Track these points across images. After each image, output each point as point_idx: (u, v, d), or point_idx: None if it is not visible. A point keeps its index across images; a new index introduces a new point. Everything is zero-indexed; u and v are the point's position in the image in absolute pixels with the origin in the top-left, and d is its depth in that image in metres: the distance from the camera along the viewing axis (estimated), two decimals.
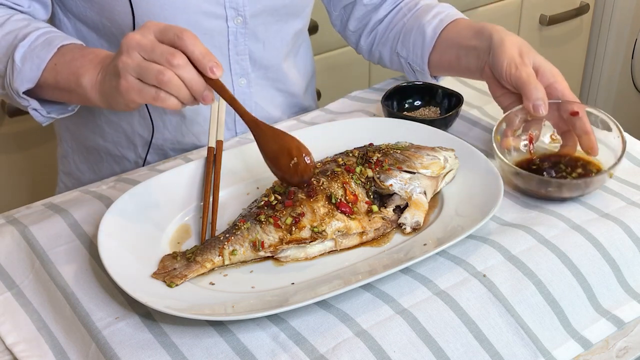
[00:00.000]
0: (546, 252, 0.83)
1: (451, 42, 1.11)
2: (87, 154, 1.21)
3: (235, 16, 1.08)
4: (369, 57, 1.28)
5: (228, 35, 1.09)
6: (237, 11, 1.07)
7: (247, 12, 1.08)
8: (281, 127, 1.12)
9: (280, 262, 0.83)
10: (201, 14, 1.05)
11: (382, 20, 1.22)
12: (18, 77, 0.94)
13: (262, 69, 1.16)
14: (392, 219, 0.88)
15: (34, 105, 0.98)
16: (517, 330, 0.76)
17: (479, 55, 1.04)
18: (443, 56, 1.13)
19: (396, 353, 0.72)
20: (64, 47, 0.93)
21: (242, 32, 1.10)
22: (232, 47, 1.11)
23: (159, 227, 0.88)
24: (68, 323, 0.78)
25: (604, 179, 0.91)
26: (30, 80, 0.94)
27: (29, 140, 1.61)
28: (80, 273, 0.82)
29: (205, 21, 1.06)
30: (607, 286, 0.83)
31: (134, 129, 1.15)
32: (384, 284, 0.78)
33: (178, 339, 0.73)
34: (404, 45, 1.18)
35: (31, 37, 0.94)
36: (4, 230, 0.90)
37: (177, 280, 0.79)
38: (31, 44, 0.94)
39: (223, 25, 1.08)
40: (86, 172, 1.23)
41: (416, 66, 1.17)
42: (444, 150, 0.94)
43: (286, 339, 0.73)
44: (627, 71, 2.45)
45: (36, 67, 0.93)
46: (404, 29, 1.18)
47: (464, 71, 1.11)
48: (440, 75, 1.19)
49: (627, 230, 0.87)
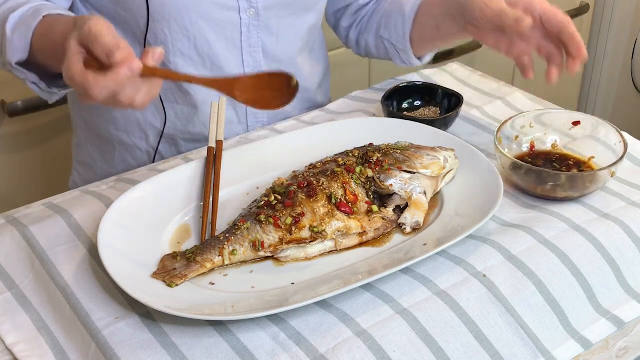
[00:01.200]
0: (546, 252, 0.83)
1: (427, 15, 1.13)
2: (100, 143, 1.21)
3: (248, 8, 1.08)
4: (357, 49, 1.29)
5: (241, 27, 1.10)
6: (250, 3, 1.08)
7: (260, 4, 1.08)
8: (281, 127, 1.13)
9: (280, 262, 0.83)
10: (213, 5, 1.06)
11: (367, 9, 1.24)
12: (10, 48, 0.93)
13: (275, 62, 1.16)
14: (392, 219, 0.88)
15: (31, 79, 0.96)
16: (517, 330, 0.76)
17: (454, 17, 1.06)
18: (423, 31, 1.15)
19: (396, 353, 0.72)
20: (50, 16, 0.91)
21: (255, 25, 1.10)
22: (244, 39, 1.11)
23: (159, 227, 0.88)
24: (68, 323, 0.78)
25: (605, 176, 0.91)
26: (21, 50, 0.93)
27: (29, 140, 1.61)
28: (80, 273, 0.82)
29: (218, 12, 1.07)
30: (607, 286, 0.83)
31: (146, 118, 1.16)
32: (384, 284, 0.78)
33: (178, 339, 0.73)
34: (386, 28, 1.19)
35: (24, 8, 0.93)
36: (4, 230, 0.90)
37: (177, 280, 0.79)
38: (23, 14, 0.93)
39: (236, 17, 1.08)
40: (99, 161, 1.23)
41: (399, 45, 1.18)
42: (444, 150, 0.94)
43: (286, 339, 0.73)
44: (627, 71, 2.45)
45: (24, 36, 0.92)
46: (386, 13, 1.20)
47: (448, 37, 1.13)
48: (425, 52, 1.20)
49: (627, 230, 0.87)
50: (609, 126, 0.96)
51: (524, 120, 0.99)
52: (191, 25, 1.06)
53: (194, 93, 1.11)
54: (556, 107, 1.10)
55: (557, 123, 1.01)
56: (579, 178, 0.90)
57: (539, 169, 0.91)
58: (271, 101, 0.88)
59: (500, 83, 1.24)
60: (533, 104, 1.17)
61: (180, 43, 1.07)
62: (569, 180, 0.90)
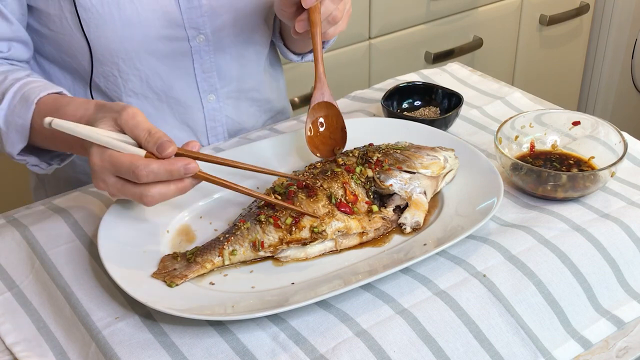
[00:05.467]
0: (546, 252, 0.83)
1: None
2: (59, 184, 1.19)
3: (196, 35, 1.05)
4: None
5: (192, 55, 1.07)
6: (198, 30, 1.04)
7: (208, 29, 1.05)
8: (281, 127, 1.13)
9: (280, 262, 0.83)
10: (162, 40, 1.03)
11: None
12: (7, 142, 0.92)
13: (233, 81, 1.14)
14: (392, 219, 0.88)
15: (32, 162, 0.96)
16: (517, 330, 0.76)
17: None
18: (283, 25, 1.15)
19: (396, 353, 0.72)
20: (41, 102, 0.88)
21: (206, 50, 1.07)
22: (197, 65, 1.08)
23: (159, 227, 0.88)
24: (68, 323, 0.78)
25: (605, 176, 0.91)
26: (21, 141, 0.91)
27: None
28: (80, 273, 0.83)
29: (167, 45, 1.04)
30: (607, 286, 0.83)
31: None
32: (384, 284, 0.78)
33: (178, 339, 0.73)
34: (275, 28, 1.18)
35: (8, 96, 0.90)
36: (4, 230, 0.90)
37: (177, 280, 0.79)
38: (9, 104, 0.90)
39: (185, 46, 1.05)
40: None
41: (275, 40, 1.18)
42: (444, 150, 0.94)
43: (286, 339, 0.73)
44: (627, 71, 2.45)
45: (21, 128, 0.90)
46: None
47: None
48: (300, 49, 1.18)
49: (627, 230, 0.87)
50: (609, 126, 0.96)
51: (524, 120, 0.99)
52: (141, 63, 1.03)
53: None
54: (556, 107, 1.10)
55: (557, 123, 1.01)
56: (579, 178, 0.90)
57: (539, 169, 0.91)
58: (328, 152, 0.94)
59: (500, 83, 1.24)
60: (533, 104, 1.17)
61: (131, 83, 1.05)
62: (569, 180, 0.90)
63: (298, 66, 1.56)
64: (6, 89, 0.91)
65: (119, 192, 0.78)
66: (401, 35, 1.92)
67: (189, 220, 0.90)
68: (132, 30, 0.99)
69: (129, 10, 0.98)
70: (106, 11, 0.97)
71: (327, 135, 0.93)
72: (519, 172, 0.92)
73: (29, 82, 0.92)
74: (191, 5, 1.02)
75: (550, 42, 2.30)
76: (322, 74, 0.93)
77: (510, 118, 0.98)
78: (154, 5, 0.99)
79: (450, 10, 1.98)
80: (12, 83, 0.91)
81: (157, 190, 0.76)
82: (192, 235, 0.88)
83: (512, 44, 2.20)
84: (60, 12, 0.97)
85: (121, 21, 0.98)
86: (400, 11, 1.89)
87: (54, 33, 1.00)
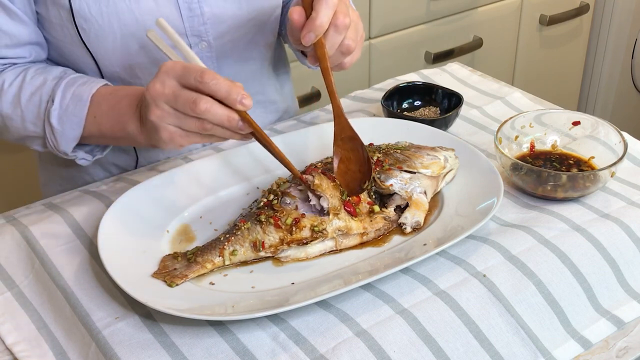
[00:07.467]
0: (546, 252, 0.83)
1: None
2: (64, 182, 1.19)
3: (198, 42, 1.04)
4: None
5: None
6: (200, 37, 1.04)
7: (210, 36, 1.05)
8: (281, 127, 1.13)
9: (281, 262, 0.83)
10: None
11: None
12: (62, 140, 0.94)
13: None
14: (392, 218, 0.88)
15: (81, 156, 0.98)
16: (517, 330, 0.76)
17: None
18: None
19: (396, 353, 0.72)
20: (94, 96, 0.93)
21: (208, 56, 1.06)
22: None
23: (159, 227, 0.88)
24: (68, 323, 0.78)
25: (605, 176, 0.91)
26: (75, 139, 0.95)
27: None
28: (80, 273, 0.83)
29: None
30: (607, 286, 0.83)
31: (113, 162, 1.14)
32: (384, 284, 0.78)
33: (178, 339, 0.73)
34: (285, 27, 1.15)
35: (58, 96, 0.93)
36: (4, 230, 0.90)
37: (177, 280, 0.79)
38: (61, 103, 0.93)
39: None
40: None
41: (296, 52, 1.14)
42: (444, 150, 0.94)
43: (286, 339, 0.73)
44: (627, 71, 2.45)
45: (76, 126, 0.93)
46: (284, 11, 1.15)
47: None
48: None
49: (627, 230, 0.87)
50: (609, 126, 0.96)
51: (524, 120, 0.99)
52: (142, 72, 1.03)
53: None
54: (556, 107, 1.10)
55: (557, 123, 1.01)
56: (579, 178, 0.90)
57: (539, 169, 0.91)
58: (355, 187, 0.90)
59: (500, 83, 1.24)
60: (533, 104, 1.17)
61: None
62: (569, 180, 0.90)
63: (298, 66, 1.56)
64: (52, 89, 0.94)
65: (172, 95, 0.79)
66: (401, 35, 1.92)
67: (189, 220, 0.90)
68: (133, 40, 0.99)
69: (128, 20, 0.97)
70: (105, 21, 0.97)
71: (355, 170, 0.90)
72: (519, 172, 0.92)
73: (74, 80, 0.95)
74: (193, 14, 1.02)
75: (550, 42, 2.30)
76: (338, 108, 0.90)
77: (510, 118, 0.98)
78: (155, 14, 0.99)
79: (450, 10, 1.98)
80: (56, 82, 0.94)
81: (212, 103, 0.77)
82: (192, 235, 0.88)
83: (512, 44, 2.20)
84: (61, 21, 0.97)
85: (121, 31, 0.98)
86: (400, 11, 1.89)
87: (57, 41, 1.00)
